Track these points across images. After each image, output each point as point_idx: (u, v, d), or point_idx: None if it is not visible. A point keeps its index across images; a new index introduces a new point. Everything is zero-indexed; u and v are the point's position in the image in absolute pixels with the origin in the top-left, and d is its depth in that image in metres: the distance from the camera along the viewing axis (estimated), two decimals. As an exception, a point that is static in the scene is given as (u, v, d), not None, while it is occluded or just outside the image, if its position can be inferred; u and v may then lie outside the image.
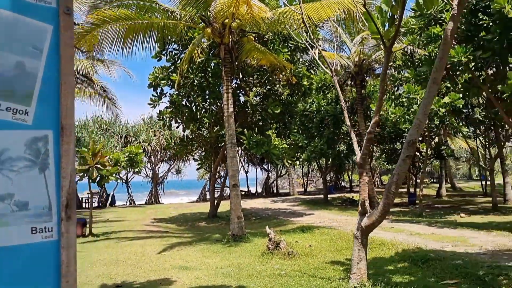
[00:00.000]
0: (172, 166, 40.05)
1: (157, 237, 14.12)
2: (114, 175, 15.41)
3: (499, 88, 12.06)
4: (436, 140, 25.61)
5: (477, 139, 28.47)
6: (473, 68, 13.41)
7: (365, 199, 6.45)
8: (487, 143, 24.16)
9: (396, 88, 22.79)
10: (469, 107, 21.23)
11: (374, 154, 36.30)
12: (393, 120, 18.05)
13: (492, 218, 16.29)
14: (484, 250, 9.29)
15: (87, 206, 29.63)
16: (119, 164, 28.21)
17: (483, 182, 33.79)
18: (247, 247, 11.43)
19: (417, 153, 25.17)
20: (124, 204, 35.03)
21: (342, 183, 49.71)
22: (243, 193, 42.42)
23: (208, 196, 31.46)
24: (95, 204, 33.26)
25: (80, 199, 31.57)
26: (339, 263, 8.77)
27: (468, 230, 12.56)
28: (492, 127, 22.72)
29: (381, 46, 6.68)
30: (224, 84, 13.54)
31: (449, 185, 39.49)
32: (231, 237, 12.66)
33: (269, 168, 43.14)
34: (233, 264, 9.35)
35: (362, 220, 6.38)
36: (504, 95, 12.19)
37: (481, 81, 13.58)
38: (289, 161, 20.25)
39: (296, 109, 21.03)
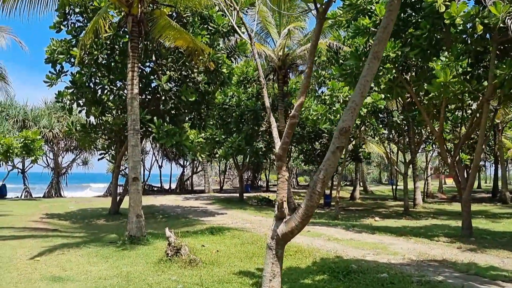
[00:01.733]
0: (78, 156, 36.62)
1: (40, 237, 11.86)
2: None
3: (426, 88, 11.53)
4: (354, 142, 25.52)
5: (390, 144, 28.95)
6: (399, 68, 12.87)
7: (283, 200, 5.14)
8: (401, 148, 24.39)
9: (318, 86, 22.21)
10: (387, 111, 21.16)
11: (291, 154, 35.89)
12: (314, 118, 17.25)
13: (405, 223, 16.08)
14: (408, 260, 8.45)
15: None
16: (11, 151, 24.62)
17: (393, 187, 34.65)
18: (145, 251, 9.73)
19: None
20: (17, 197, 31.20)
21: (259, 182, 49.06)
22: (155, 188, 40.20)
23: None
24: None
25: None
26: (249, 274, 7.43)
27: (386, 236, 11.88)
28: (406, 132, 22.91)
29: (312, 13, 5.44)
30: (130, 61, 11.69)
31: (362, 188, 40.34)
32: (128, 238, 10.82)
33: (185, 164, 41.16)
34: (121, 274, 7.65)
35: (279, 227, 5.06)
36: (429, 95, 11.69)
37: (406, 81, 13.09)
38: (202, 155, 18.65)
39: (215, 100, 19.51)
